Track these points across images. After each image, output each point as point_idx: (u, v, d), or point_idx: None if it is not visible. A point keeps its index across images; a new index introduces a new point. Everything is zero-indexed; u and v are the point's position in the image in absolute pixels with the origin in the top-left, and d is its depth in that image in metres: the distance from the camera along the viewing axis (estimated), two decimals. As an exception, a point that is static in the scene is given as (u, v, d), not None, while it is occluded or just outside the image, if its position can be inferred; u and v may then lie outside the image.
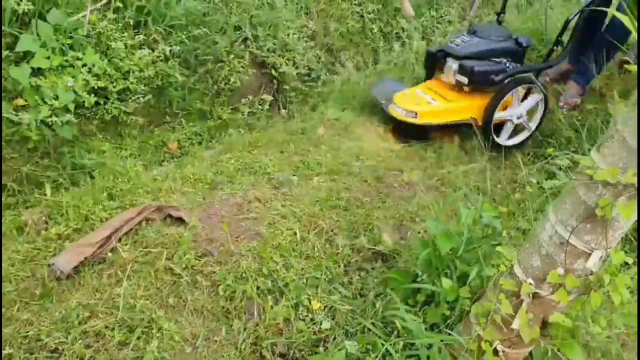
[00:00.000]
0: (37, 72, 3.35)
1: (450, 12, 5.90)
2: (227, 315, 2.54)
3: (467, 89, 4.23)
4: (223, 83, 4.32)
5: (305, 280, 2.75)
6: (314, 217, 3.16)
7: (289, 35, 4.72)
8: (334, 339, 2.48)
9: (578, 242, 1.70)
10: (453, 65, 4.22)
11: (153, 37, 3.96)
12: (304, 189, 3.42)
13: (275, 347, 2.44)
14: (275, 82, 4.65)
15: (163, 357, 2.30)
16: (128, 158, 3.70)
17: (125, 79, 3.77)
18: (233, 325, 2.50)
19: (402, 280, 2.56)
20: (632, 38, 4.40)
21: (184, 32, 4.00)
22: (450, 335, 2.13)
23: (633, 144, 1.49)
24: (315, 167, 3.71)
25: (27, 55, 3.34)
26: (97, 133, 3.73)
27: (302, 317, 2.57)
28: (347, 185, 3.53)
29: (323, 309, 2.61)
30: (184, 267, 2.67)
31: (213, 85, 4.30)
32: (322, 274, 2.78)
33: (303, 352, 2.45)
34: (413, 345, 2.17)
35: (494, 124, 4.26)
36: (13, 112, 3.22)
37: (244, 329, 2.48)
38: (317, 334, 2.51)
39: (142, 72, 3.80)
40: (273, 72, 4.61)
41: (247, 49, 4.43)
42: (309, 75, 4.84)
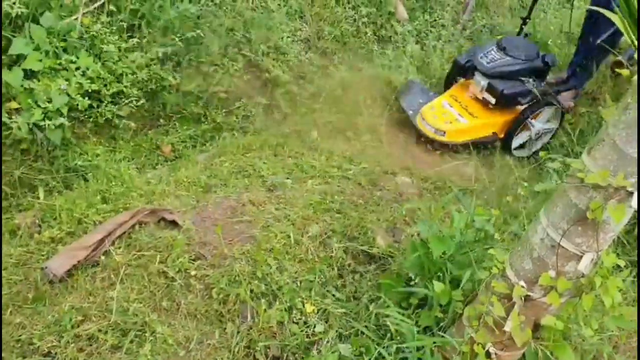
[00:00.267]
0: (30, 75, 3.35)
1: (444, 15, 5.91)
2: (220, 319, 2.54)
3: (492, 106, 4.34)
4: (217, 86, 4.31)
5: (299, 284, 2.75)
6: (308, 220, 3.15)
7: (283, 39, 4.73)
8: (328, 342, 2.48)
9: (569, 244, 1.71)
10: (482, 82, 4.31)
11: (147, 40, 3.96)
12: (298, 192, 3.42)
13: (269, 350, 2.45)
14: (270, 85, 4.65)
15: (156, 360, 2.30)
16: (122, 161, 3.70)
17: (119, 82, 3.77)
18: (226, 329, 2.50)
19: (395, 285, 2.57)
20: (623, 40, 4.43)
21: (178, 35, 4.00)
22: (443, 338, 2.14)
23: (623, 147, 1.50)
24: (310, 170, 3.71)
25: (20, 59, 3.34)
26: (90, 136, 3.73)
27: (295, 320, 2.57)
28: (341, 189, 3.54)
29: (316, 312, 2.61)
30: (178, 270, 2.66)
31: (207, 89, 4.30)
32: (315, 277, 2.79)
33: (296, 355, 2.45)
34: (407, 348, 2.18)
35: None
36: (6, 115, 3.21)
37: (238, 332, 2.48)
38: (310, 337, 2.52)
39: (135, 75, 3.80)
40: (267, 75, 4.61)
41: (241, 53, 4.43)
42: (303, 79, 4.85)
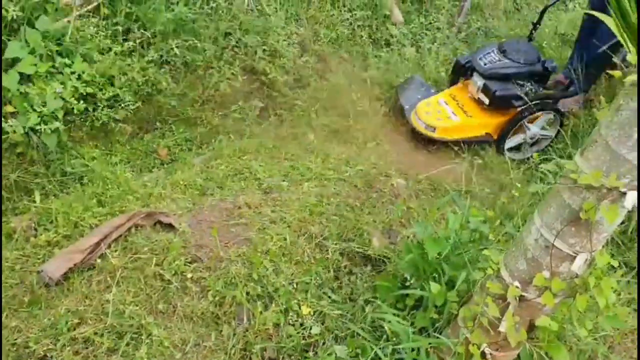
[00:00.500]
0: (25, 78, 3.35)
1: (439, 18, 5.93)
2: (216, 321, 2.54)
3: (486, 107, 4.36)
4: (213, 89, 4.32)
5: (295, 286, 2.75)
6: (304, 222, 3.16)
7: (279, 42, 4.74)
8: (324, 344, 2.49)
9: (563, 245, 1.72)
10: (478, 82, 4.35)
11: (142, 44, 3.97)
12: (294, 195, 3.42)
13: (265, 352, 2.45)
14: (265, 88, 4.65)
15: (152, 363, 2.30)
16: (118, 164, 3.70)
17: (114, 86, 3.77)
18: (223, 331, 2.50)
19: (390, 286, 2.58)
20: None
21: (174, 38, 4.00)
22: (438, 339, 2.15)
23: (616, 148, 1.52)
24: (306, 172, 3.71)
25: (15, 62, 3.34)
26: (86, 140, 3.73)
27: (291, 322, 2.58)
28: (337, 191, 3.54)
29: (313, 314, 2.62)
30: (174, 273, 2.66)
31: (203, 92, 4.30)
32: (311, 279, 2.79)
33: (292, 357, 2.46)
34: (402, 349, 2.19)
35: None
36: (2, 119, 3.21)
37: (234, 335, 2.49)
38: (306, 339, 2.52)
39: (131, 79, 3.81)
40: (263, 78, 4.61)
41: (236, 56, 4.44)
42: (299, 81, 4.85)
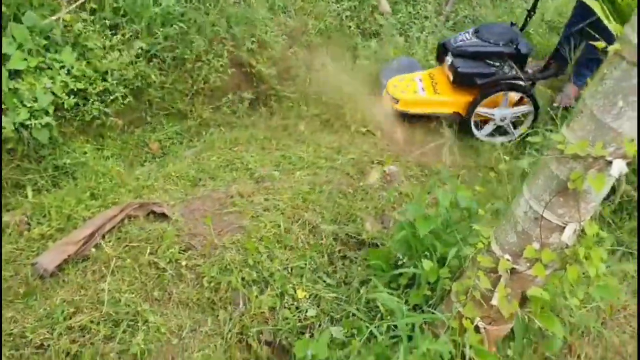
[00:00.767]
0: (14, 74, 3.34)
1: (427, 7, 5.94)
2: (212, 307, 2.56)
3: (455, 85, 4.38)
4: (202, 82, 4.32)
5: (290, 270, 2.77)
6: (297, 209, 3.17)
7: (267, 34, 4.74)
8: (320, 326, 2.51)
9: (552, 216, 1.74)
10: (448, 60, 4.36)
11: (130, 37, 3.96)
12: (287, 183, 3.44)
13: (261, 335, 2.47)
14: (255, 80, 4.65)
15: (149, 349, 2.31)
16: (110, 158, 3.70)
17: (105, 80, 3.77)
18: (219, 316, 2.51)
19: (384, 267, 2.60)
20: None
21: (162, 31, 4.00)
22: (432, 314, 2.17)
23: (601, 117, 1.53)
24: (297, 161, 3.73)
25: (3, 59, 3.33)
26: (77, 134, 3.72)
27: (287, 305, 2.59)
28: (329, 179, 3.55)
29: (308, 298, 2.63)
30: (168, 261, 2.68)
31: (193, 85, 4.30)
32: (306, 264, 2.81)
33: (289, 339, 2.47)
34: (397, 327, 2.21)
35: (482, 119, 4.44)
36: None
37: (230, 319, 2.50)
38: (302, 322, 2.54)
39: (121, 73, 3.80)
40: (252, 70, 4.62)
41: (225, 48, 4.44)
42: (289, 73, 4.86)
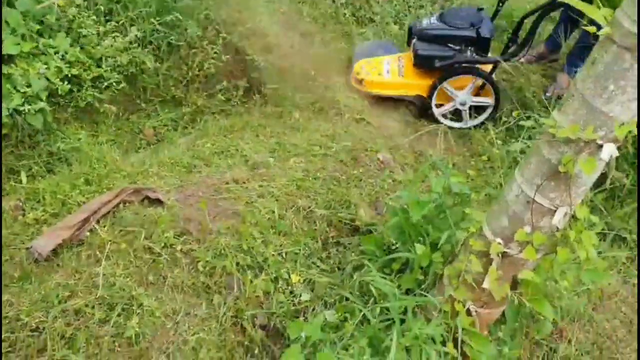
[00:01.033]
0: (7, 59, 3.33)
1: (422, -4, 5.96)
2: (207, 291, 2.58)
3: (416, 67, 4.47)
4: (197, 69, 4.31)
5: (284, 256, 2.79)
6: (292, 195, 3.19)
7: (262, 21, 4.73)
8: (313, 310, 2.54)
9: (543, 199, 1.77)
10: (412, 43, 4.44)
11: (124, 24, 3.95)
12: (281, 170, 3.45)
13: (256, 319, 2.49)
14: (249, 67, 4.65)
15: (144, 332, 2.32)
16: (104, 144, 3.69)
17: (99, 67, 3.75)
18: (213, 300, 2.53)
19: (377, 253, 2.62)
20: None
21: (156, 18, 3.99)
22: (425, 298, 2.19)
23: (592, 101, 1.55)
24: (292, 148, 3.73)
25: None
26: (72, 121, 3.71)
27: (281, 290, 2.62)
28: (323, 166, 3.56)
29: (302, 282, 2.66)
30: (163, 245, 2.68)
31: (187, 72, 4.29)
32: (300, 250, 2.83)
33: (283, 322, 2.50)
34: (390, 310, 2.23)
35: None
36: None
37: (224, 303, 2.52)
38: (296, 305, 2.57)
39: (115, 59, 3.79)
40: (246, 57, 4.60)
41: (219, 35, 4.43)
42: (283, 60, 4.84)
